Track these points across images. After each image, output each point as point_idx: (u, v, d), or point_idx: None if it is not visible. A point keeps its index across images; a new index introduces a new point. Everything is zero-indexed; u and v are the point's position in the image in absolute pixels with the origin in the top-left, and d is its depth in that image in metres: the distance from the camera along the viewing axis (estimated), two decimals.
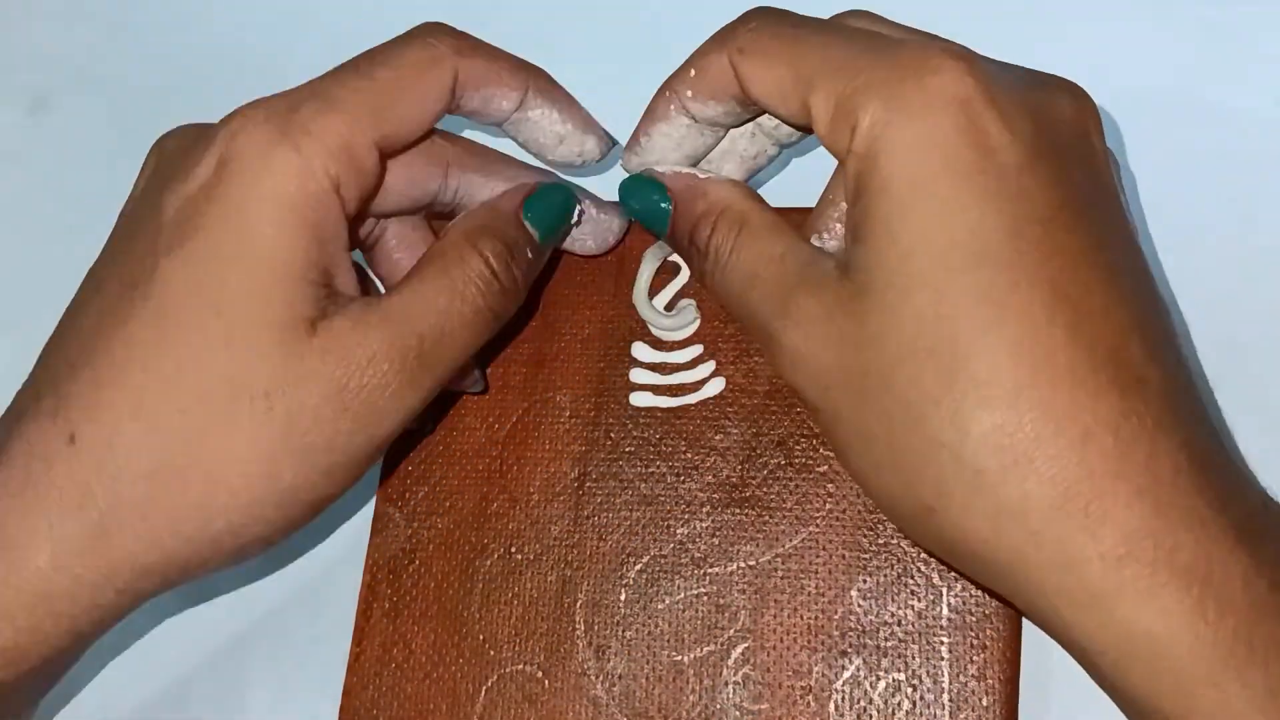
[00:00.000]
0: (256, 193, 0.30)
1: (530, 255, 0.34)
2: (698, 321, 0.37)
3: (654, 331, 0.38)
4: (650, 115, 0.34)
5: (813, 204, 0.32)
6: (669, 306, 0.38)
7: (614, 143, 0.36)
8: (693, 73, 0.32)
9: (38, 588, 0.29)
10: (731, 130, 0.34)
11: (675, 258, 0.38)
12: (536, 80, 0.35)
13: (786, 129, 0.34)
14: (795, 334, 0.29)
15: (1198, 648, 0.25)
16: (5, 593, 0.29)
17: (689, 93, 0.33)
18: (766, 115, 0.34)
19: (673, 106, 0.33)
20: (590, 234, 0.37)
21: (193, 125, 0.33)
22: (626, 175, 0.35)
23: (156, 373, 0.29)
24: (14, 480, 0.29)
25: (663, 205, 0.34)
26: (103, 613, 0.30)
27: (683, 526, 0.36)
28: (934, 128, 0.27)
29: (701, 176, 0.34)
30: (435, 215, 0.37)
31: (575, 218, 0.36)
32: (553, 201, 0.35)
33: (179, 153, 0.32)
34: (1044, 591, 0.26)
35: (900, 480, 0.28)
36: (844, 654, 0.34)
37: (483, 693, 0.35)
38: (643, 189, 0.34)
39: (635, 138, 0.34)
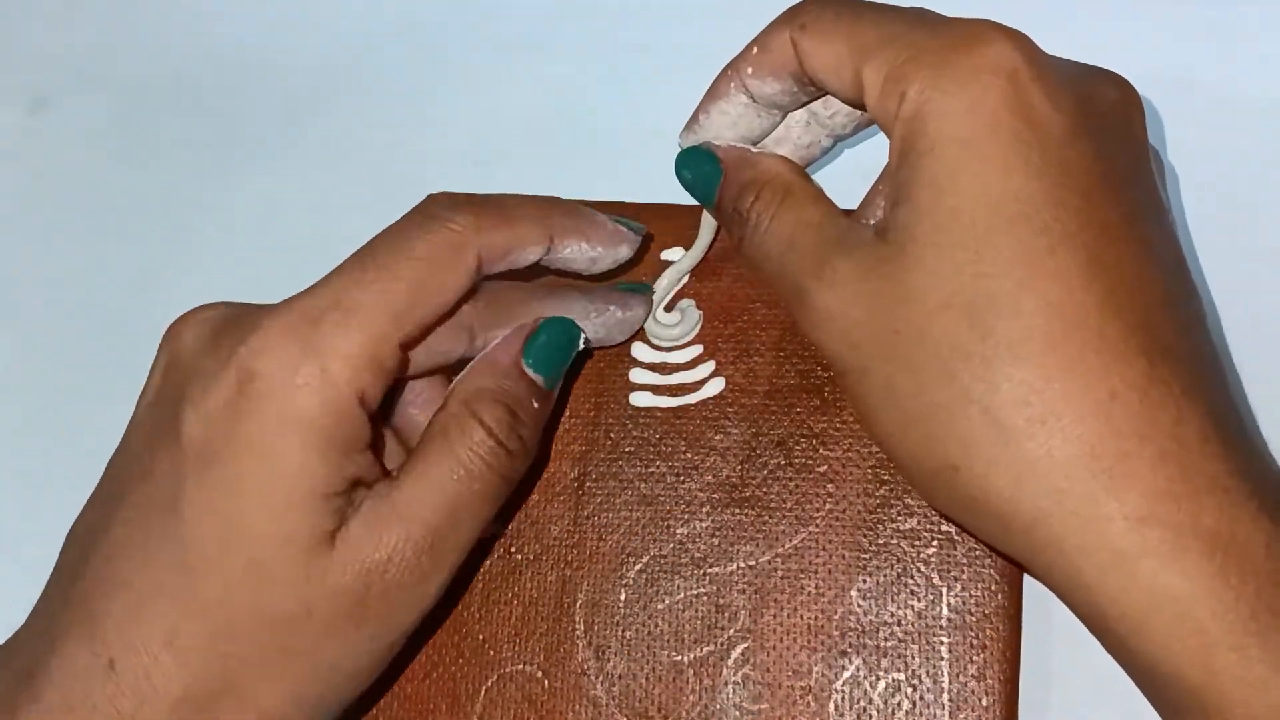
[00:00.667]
0: (281, 416, 0.29)
1: (537, 405, 0.33)
2: (700, 324, 0.37)
3: (657, 343, 0.38)
4: (711, 93, 0.34)
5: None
6: (669, 307, 0.38)
7: (643, 232, 0.35)
8: (755, 50, 0.33)
9: None
10: (788, 118, 0.35)
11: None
12: (558, 224, 0.33)
13: (841, 119, 0.35)
14: (828, 294, 0.30)
15: (1220, 611, 0.25)
16: None
17: (750, 70, 0.33)
18: (822, 103, 0.34)
19: (733, 84, 0.34)
20: (620, 333, 0.37)
21: (206, 314, 0.32)
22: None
23: (187, 604, 0.29)
24: (58, 703, 0.29)
25: (713, 175, 0.34)
26: None
27: (683, 526, 0.36)
28: (982, 95, 0.28)
29: (754, 152, 0.34)
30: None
31: (582, 345, 0.35)
32: (554, 340, 0.34)
33: (197, 356, 0.31)
34: (1064, 550, 0.26)
35: (925, 437, 0.28)
36: (844, 654, 0.34)
37: (482, 693, 0.35)
38: (696, 159, 0.34)
39: (694, 116, 0.35)
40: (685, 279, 0.38)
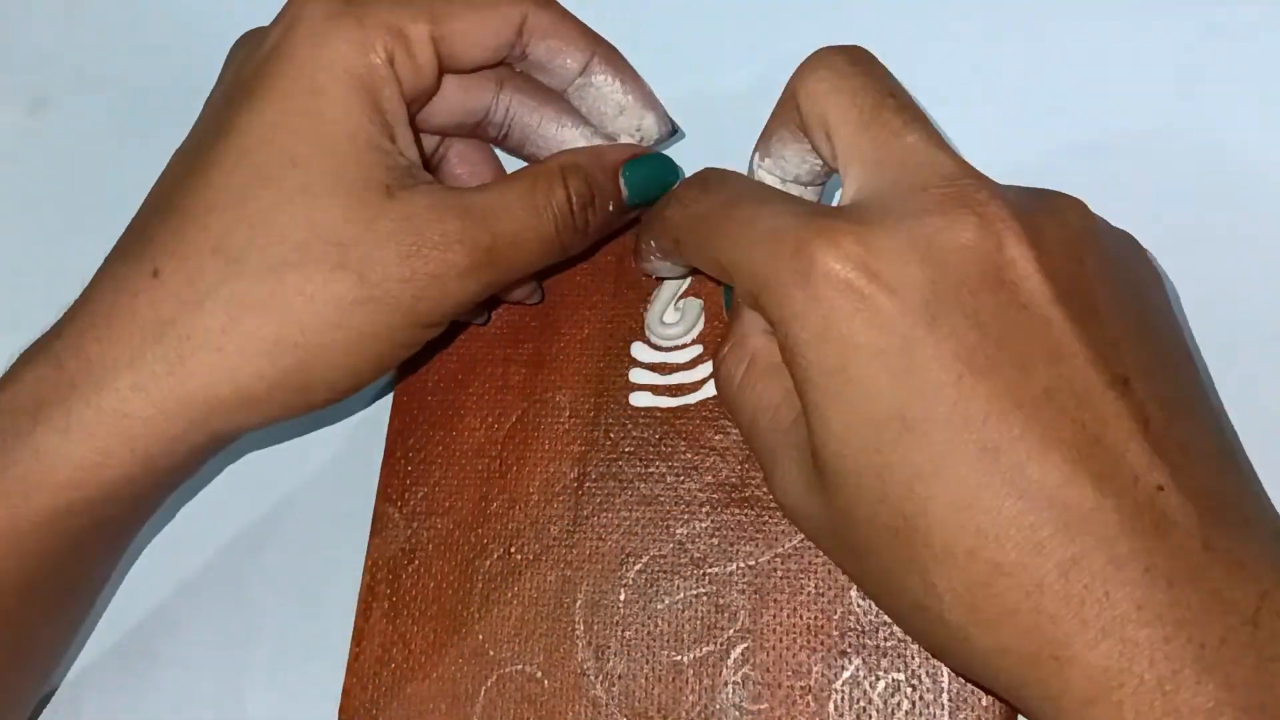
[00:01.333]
0: (320, 55, 0.31)
1: (611, 209, 0.35)
2: (701, 322, 0.37)
3: (658, 342, 0.38)
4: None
5: None
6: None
7: (675, 128, 0.37)
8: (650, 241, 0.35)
9: (116, 408, 0.31)
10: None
11: None
12: (603, 48, 0.36)
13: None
14: (782, 484, 0.30)
15: None
16: (86, 411, 0.31)
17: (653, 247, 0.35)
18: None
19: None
20: (618, 127, 0.37)
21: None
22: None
23: (236, 215, 0.31)
24: (100, 312, 0.31)
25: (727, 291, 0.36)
26: (175, 444, 0.32)
27: (682, 526, 0.36)
28: (827, 319, 0.27)
29: (745, 317, 0.32)
30: (490, 139, 0.38)
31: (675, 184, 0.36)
32: (655, 172, 0.36)
33: (253, 33, 0.34)
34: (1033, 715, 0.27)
35: (886, 608, 0.30)
36: (843, 654, 0.34)
37: (482, 693, 0.35)
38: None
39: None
40: (687, 282, 0.38)
